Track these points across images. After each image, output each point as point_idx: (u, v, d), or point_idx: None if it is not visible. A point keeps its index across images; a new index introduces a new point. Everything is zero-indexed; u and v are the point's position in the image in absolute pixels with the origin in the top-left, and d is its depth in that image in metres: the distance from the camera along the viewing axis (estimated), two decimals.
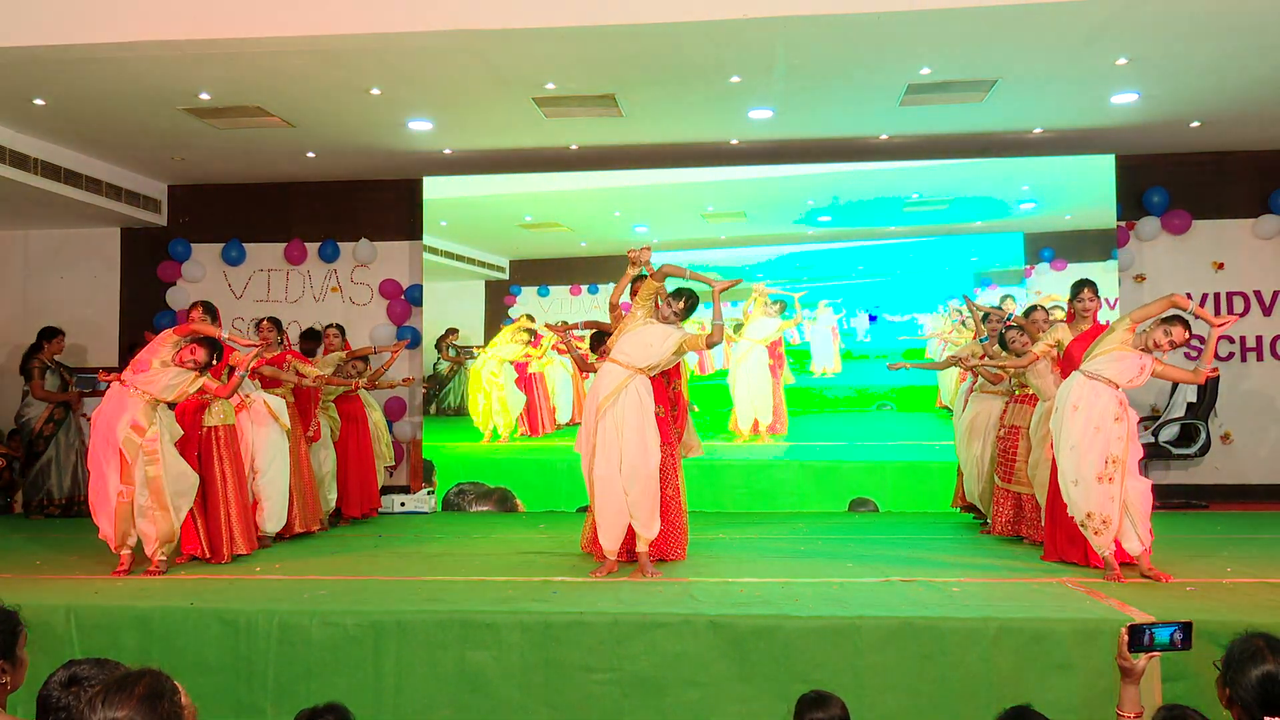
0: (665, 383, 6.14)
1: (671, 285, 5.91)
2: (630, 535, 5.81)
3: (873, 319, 9.07)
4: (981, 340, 7.32)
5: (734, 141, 8.74)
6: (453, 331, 9.94)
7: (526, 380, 9.63)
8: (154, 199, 9.96)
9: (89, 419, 9.52)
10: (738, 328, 9.54)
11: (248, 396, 7.08)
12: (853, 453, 8.80)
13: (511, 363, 9.43)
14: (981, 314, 7.55)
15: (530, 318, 9.60)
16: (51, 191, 8.74)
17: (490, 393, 9.30)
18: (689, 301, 5.74)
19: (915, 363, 7.00)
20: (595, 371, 6.06)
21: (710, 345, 5.61)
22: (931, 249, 8.96)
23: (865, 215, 9.01)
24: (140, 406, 5.88)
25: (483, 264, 9.62)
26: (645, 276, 5.86)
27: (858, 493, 8.71)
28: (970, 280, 8.87)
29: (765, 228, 9.23)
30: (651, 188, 9.16)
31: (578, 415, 9.23)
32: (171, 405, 6.16)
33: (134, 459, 5.85)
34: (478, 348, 9.64)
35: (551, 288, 9.46)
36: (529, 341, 9.62)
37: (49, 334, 9.19)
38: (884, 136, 8.59)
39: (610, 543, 5.71)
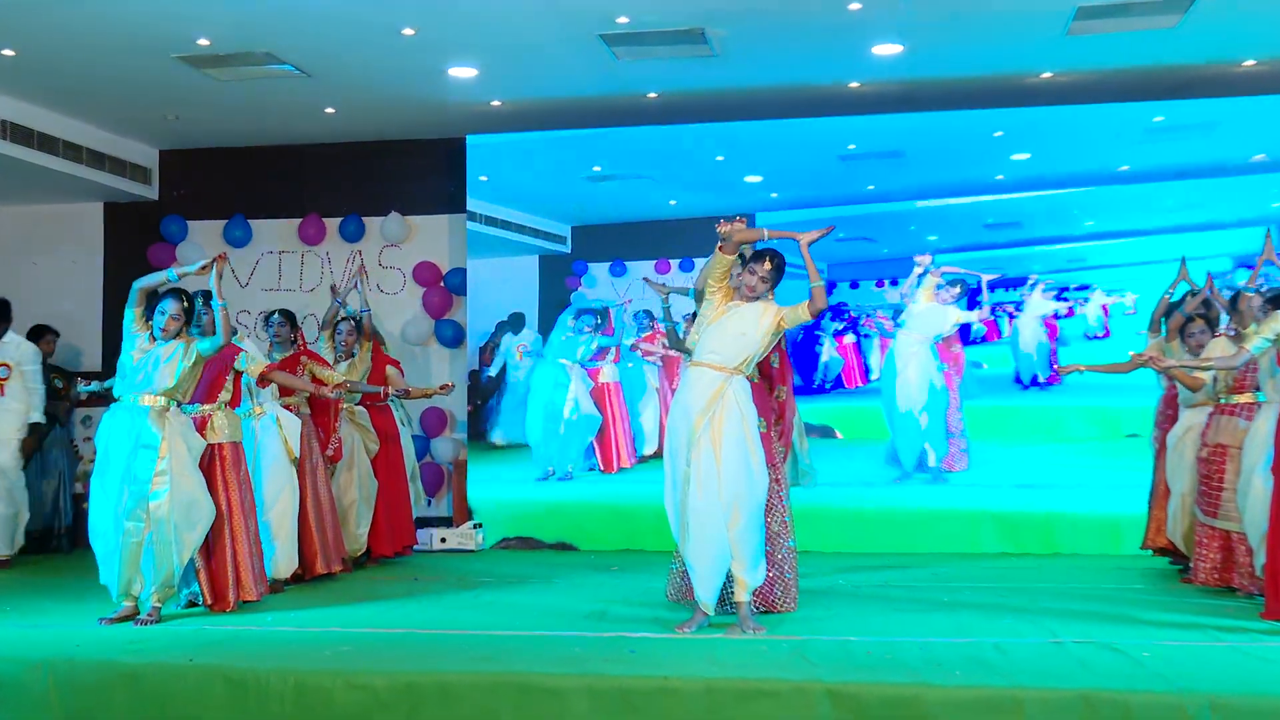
0: (767, 389, 6.13)
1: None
2: (728, 582, 5.80)
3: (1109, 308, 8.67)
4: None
5: (854, 85, 8.65)
6: (515, 321, 9.92)
7: (600, 393, 9.62)
8: (143, 167, 10.06)
9: (72, 440, 9.92)
10: (896, 318, 9.04)
11: (259, 408, 7.15)
12: (1022, 482, 8.61)
13: (570, 365, 9.42)
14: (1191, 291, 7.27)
15: (605, 311, 9.56)
16: (21, 160, 8.79)
17: (557, 413, 9.29)
18: (775, 260, 5.70)
19: (1092, 365, 6.71)
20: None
21: (815, 313, 5.58)
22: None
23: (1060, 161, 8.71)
24: (150, 415, 6.07)
25: (534, 232, 9.57)
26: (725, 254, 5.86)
27: (1018, 528, 8.49)
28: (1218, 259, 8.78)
29: (927, 175, 8.89)
30: (765, 123, 8.93)
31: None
32: (189, 408, 6.35)
33: (143, 483, 6.01)
34: (525, 349, 9.75)
35: (629, 263, 9.33)
36: (598, 326, 9.48)
37: (38, 334, 9.32)
38: (1045, 75, 8.46)
39: (707, 591, 5.69)
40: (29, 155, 8.82)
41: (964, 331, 9.22)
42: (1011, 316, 9.12)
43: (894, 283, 8.77)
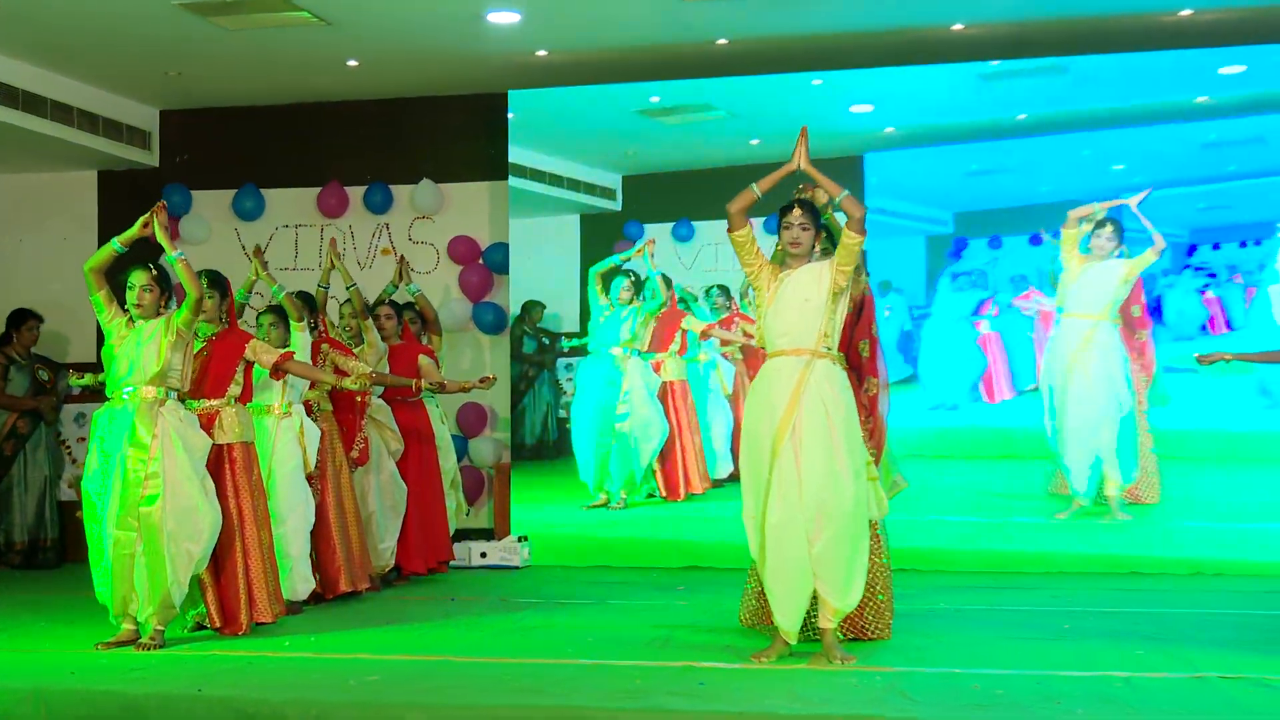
0: (856, 380, 5.99)
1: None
2: (812, 604, 5.69)
3: None
4: None
5: (957, 27, 8.56)
6: (534, 308, 10.03)
7: (668, 394, 9.52)
8: (142, 130, 10.10)
9: (63, 439, 10.16)
10: (1053, 282, 8.70)
11: (281, 407, 7.13)
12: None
13: (629, 354, 9.34)
14: None
15: (667, 279, 9.40)
16: (5, 123, 8.79)
17: (609, 418, 9.23)
18: (805, 206, 5.61)
19: (1243, 354, 6.46)
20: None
21: (858, 228, 5.43)
22: None
23: None
24: (140, 409, 6.12)
25: (575, 184, 9.46)
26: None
27: (1165, 547, 8.31)
28: None
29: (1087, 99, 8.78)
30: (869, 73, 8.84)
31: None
32: (193, 403, 6.39)
33: (133, 486, 6.07)
34: (568, 336, 9.80)
35: (697, 224, 9.12)
36: (665, 311, 9.33)
37: (18, 319, 9.45)
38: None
39: (788, 617, 5.64)
40: (12, 117, 8.82)
41: (1155, 311, 9.03)
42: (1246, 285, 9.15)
43: (1054, 235, 8.60)
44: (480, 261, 9.96)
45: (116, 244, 6.20)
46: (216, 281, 6.75)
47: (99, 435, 6.20)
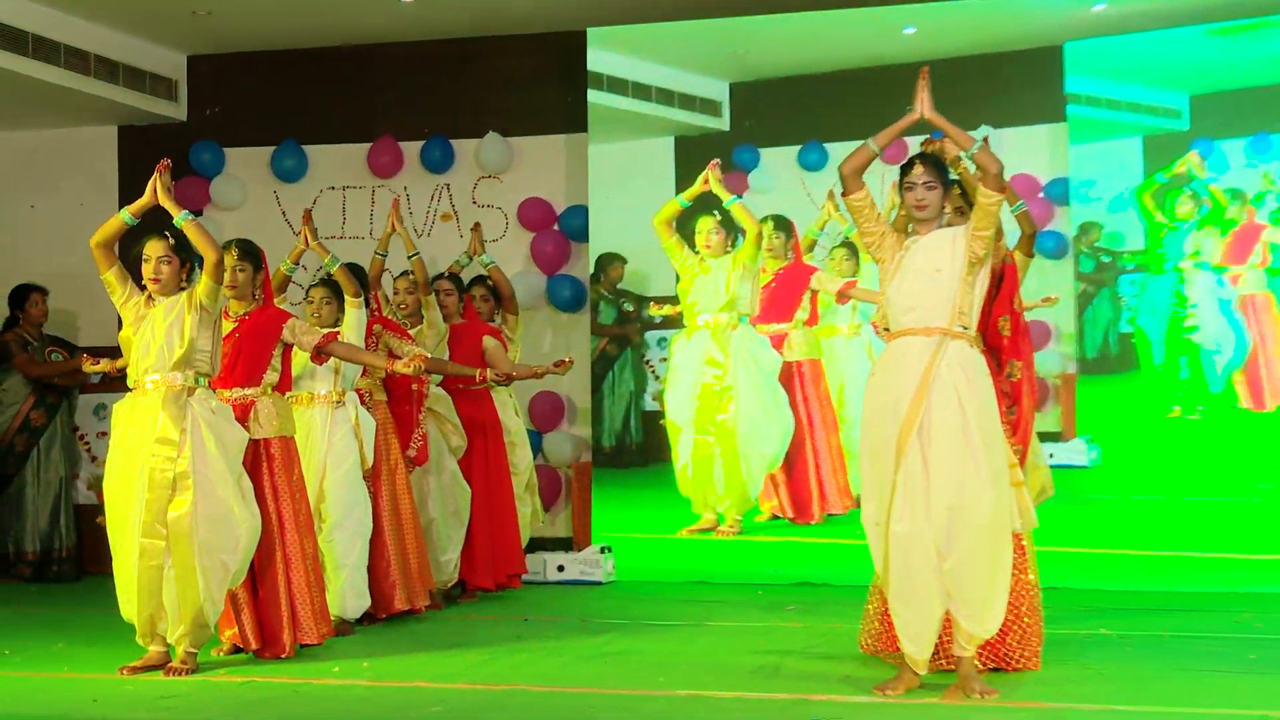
0: (995, 364, 6.01)
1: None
2: (945, 628, 5.68)
3: None
4: None
5: None
6: (612, 263, 10.01)
7: (794, 378, 9.27)
8: (167, 79, 10.18)
9: (81, 434, 10.25)
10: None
11: (331, 394, 7.22)
12: None
13: (732, 322, 9.16)
14: None
15: (782, 221, 9.28)
16: (10, 71, 8.86)
17: (709, 410, 9.08)
18: (929, 160, 5.59)
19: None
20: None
21: (996, 184, 5.38)
22: None
23: None
24: (166, 399, 6.19)
25: (666, 95, 9.30)
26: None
27: None
28: None
29: None
30: None
31: None
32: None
33: (160, 489, 6.15)
34: (657, 302, 9.72)
35: (830, 146, 8.95)
36: (788, 266, 9.18)
37: (20, 296, 9.56)
38: None
39: (917, 645, 5.61)
40: (21, 65, 8.90)
41: None
42: None
43: None
44: (555, 228, 9.95)
45: (126, 215, 6.28)
46: (248, 252, 6.78)
47: (120, 429, 6.26)
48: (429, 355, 7.49)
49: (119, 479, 6.22)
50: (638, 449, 10.34)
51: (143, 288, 6.37)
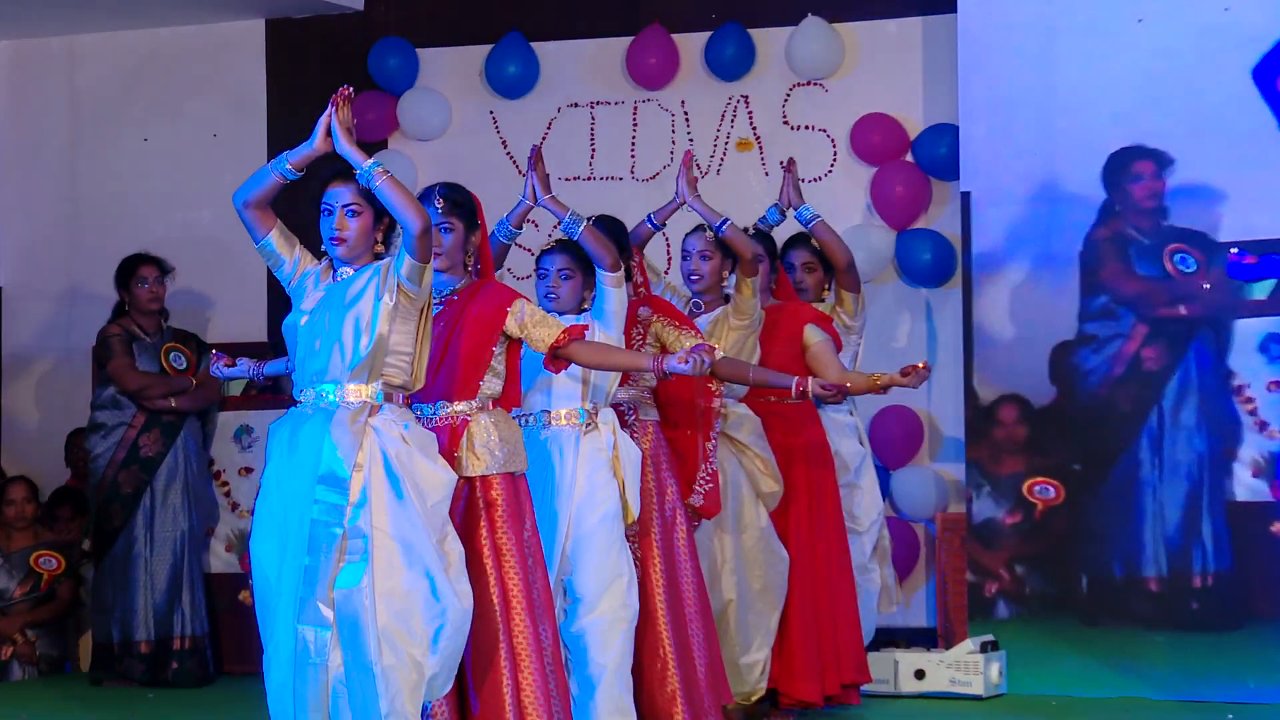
0: None
1: None
2: None
3: None
4: None
5: None
6: None
7: None
8: None
9: (216, 470, 10.50)
10: None
11: (591, 414, 7.27)
12: None
13: None
14: None
15: None
16: None
17: None
18: None
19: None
20: None
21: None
22: None
23: None
24: (339, 421, 6.15)
25: None
26: None
27: None
28: None
29: None
30: None
31: None
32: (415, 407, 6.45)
33: (325, 552, 6.11)
34: None
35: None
36: None
37: (128, 272, 9.66)
38: None
39: None
40: None
41: None
42: None
43: None
44: (908, 158, 10.05)
45: (285, 165, 6.07)
46: (456, 203, 6.67)
47: (275, 465, 6.13)
48: (717, 349, 7.10)
49: (272, 536, 6.12)
50: None
51: (320, 254, 6.25)
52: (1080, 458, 9.96)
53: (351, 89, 6.01)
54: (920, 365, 7.34)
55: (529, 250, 8.50)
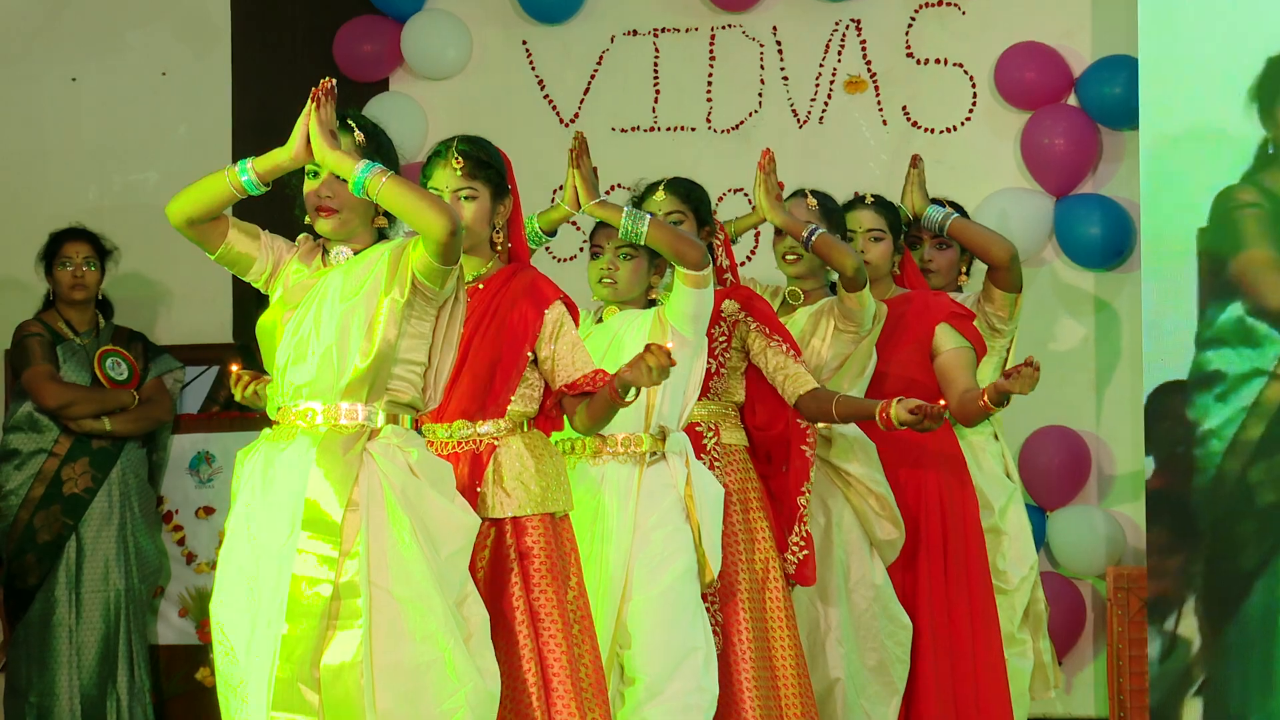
0: None
1: None
2: None
3: None
4: None
5: None
6: None
7: None
8: None
9: (166, 511, 10.41)
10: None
11: (656, 440, 7.38)
12: None
13: None
14: None
15: None
16: None
17: None
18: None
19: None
20: None
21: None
22: None
23: None
24: (325, 448, 6.04)
25: None
26: None
27: None
28: None
29: None
30: None
31: None
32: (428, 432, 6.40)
33: (309, 617, 5.97)
34: None
35: None
36: None
37: (53, 249, 9.66)
38: None
39: None
40: None
41: None
42: None
43: None
44: (1071, 100, 10.12)
45: (246, 174, 5.85)
46: (481, 162, 6.55)
47: (244, 505, 5.96)
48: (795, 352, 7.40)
49: (239, 597, 5.89)
50: None
51: (308, 229, 6.14)
52: None
53: (334, 81, 5.71)
54: (1027, 362, 6.87)
55: (575, 226, 8.00)
